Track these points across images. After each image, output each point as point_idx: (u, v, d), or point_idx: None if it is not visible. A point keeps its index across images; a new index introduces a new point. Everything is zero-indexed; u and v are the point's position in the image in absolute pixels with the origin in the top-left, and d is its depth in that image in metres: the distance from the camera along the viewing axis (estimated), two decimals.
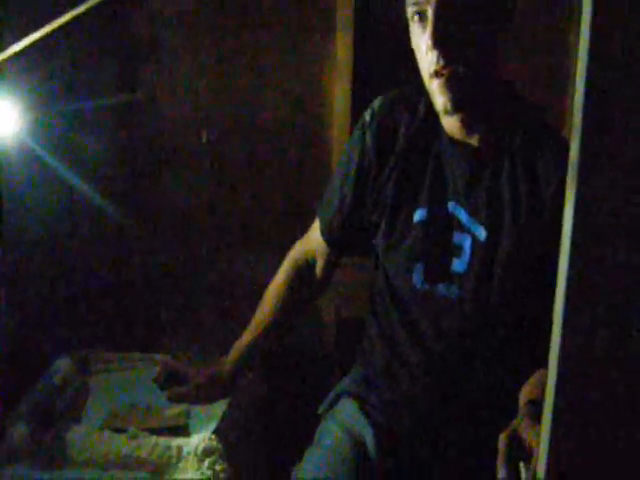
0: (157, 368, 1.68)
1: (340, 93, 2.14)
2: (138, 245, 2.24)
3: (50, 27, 1.10)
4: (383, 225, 1.39)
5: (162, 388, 1.62)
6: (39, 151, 1.69)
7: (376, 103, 1.42)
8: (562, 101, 2.08)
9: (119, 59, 2.15)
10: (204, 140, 2.18)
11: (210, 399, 1.58)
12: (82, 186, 1.96)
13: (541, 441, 0.73)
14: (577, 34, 0.58)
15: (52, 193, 1.91)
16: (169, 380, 1.62)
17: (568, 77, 2.07)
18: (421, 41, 1.23)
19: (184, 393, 1.58)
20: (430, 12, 1.20)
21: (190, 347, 1.81)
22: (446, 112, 1.26)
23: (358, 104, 2.07)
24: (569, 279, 0.67)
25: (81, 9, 1.09)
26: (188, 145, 2.21)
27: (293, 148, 2.20)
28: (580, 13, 0.62)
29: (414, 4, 1.22)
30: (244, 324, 1.58)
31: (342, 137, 2.13)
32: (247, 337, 1.58)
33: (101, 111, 2.07)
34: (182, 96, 2.19)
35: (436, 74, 1.22)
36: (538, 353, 0.94)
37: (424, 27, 1.22)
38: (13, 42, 1.11)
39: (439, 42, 1.20)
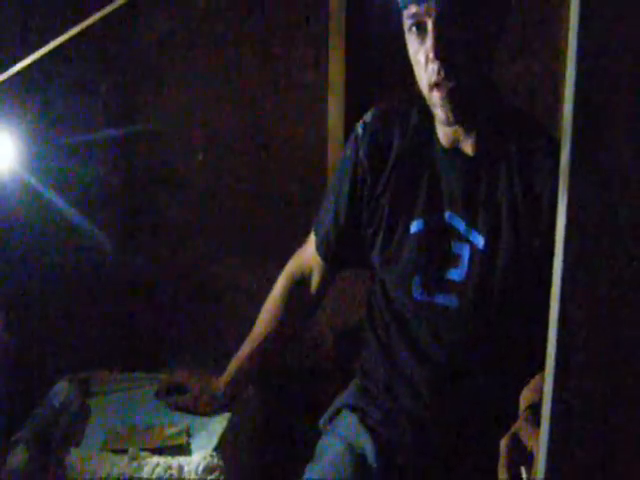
0: (158, 385, 1.69)
1: (333, 108, 2.16)
2: (137, 266, 2.24)
3: (41, 52, 1.11)
4: (380, 238, 1.39)
5: (162, 398, 1.63)
6: (34, 181, 1.70)
7: (368, 116, 1.42)
8: (554, 101, 2.09)
9: (116, 85, 2.17)
10: (200, 158, 2.20)
11: (209, 410, 1.59)
12: (79, 212, 1.97)
13: (540, 444, 0.73)
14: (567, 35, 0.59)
15: (49, 220, 1.92)
16: (170, 393, 1.64)
17: (559, 78, 2.08)
18: (420, 53, 1.23)
19: (183, 402, 1.59)
20: (430, 24, 1.20)
21: (190, 364, 1.81)
22: (448, 123, 1.27)
23: (351, 117, 2.09)
24: (563, 283, 0.68)
25: (72, 32, 1.10)
26: (185, 163, 2.23)
27: (288, 162, 2.21)
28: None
29: (412, 16, 1.22)
30: (244, 338, 1.59)
31: (336, 149, 2.14)
32: (245, 350, 1.59)
33: (98, 140, 2.09)
34: (178, 116, 2.21)
35: (437, 85, 1.22)
36: (538, 358, 0.95)
37: (423, 39, 1.22)
38: (7, 67, 1.12)
39: (440, 54, 1.20)
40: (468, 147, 1.32)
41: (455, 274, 1.33)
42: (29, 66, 1.12)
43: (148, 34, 2.16)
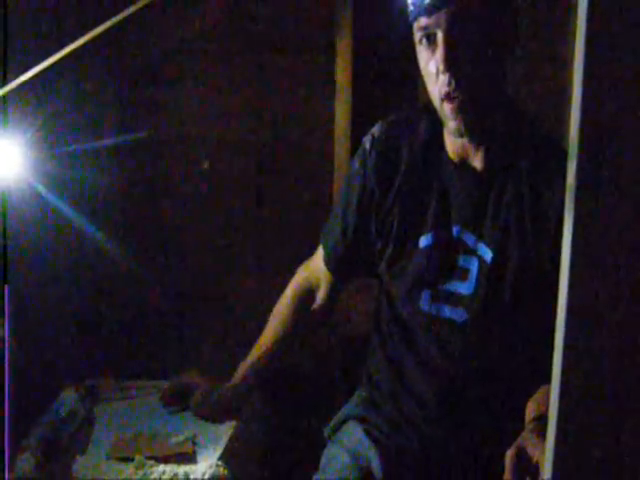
0: (163, 390, 1.69)
1: (340, 115, 2.16)
2: (143, 274, 2.25)
3: (49, 61, 1.12)
4: (388, 252, 1.39)
5: (166, 403, 1.63)
6: (42, 188, 1.71)
7: (376, 129, 1.41)
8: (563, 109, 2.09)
9: (121, 95, 2.18)
10: (205, 166, 2.21)
11: (215, 414, 1.57)
12: (86, 221, 1.98)
13: (545, 456, 0.73)
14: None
15: (56, 229, 1.93)
16: (176, 399, 1.64)
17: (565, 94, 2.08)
18: (430, 64, 1.23)
19: (190, 403, 1.58)
20: (440, 35, 1.20)
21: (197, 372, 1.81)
22: (460, 134, 1.26)
23: (358, 126, 2.10)
24: (569, 296, 0.68)
25: (79, 42, 1.11)
26: (191, 173, 2.23)
27: (294, 172, 2.22)
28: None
29: (423, 28, 1.22)
30: (250, 347, 1.60)
31: (343, 157, 2.14)
32: (252, 357, 1.59)
33: (104, 149, 2.11)
34: (185, 126, 2.22)
35: (447, 97, 1.22)
36: (543, 370, 0.95)
37: (433, 50, 1.22)
38: (16, 75, 1.13)
39: (450, 65, 1.20)
40: (477, 162, 1.32)
41: (463, 288, 1.33)
42: (37, 76, 1.12)
43: (154, 45, 2.18)
